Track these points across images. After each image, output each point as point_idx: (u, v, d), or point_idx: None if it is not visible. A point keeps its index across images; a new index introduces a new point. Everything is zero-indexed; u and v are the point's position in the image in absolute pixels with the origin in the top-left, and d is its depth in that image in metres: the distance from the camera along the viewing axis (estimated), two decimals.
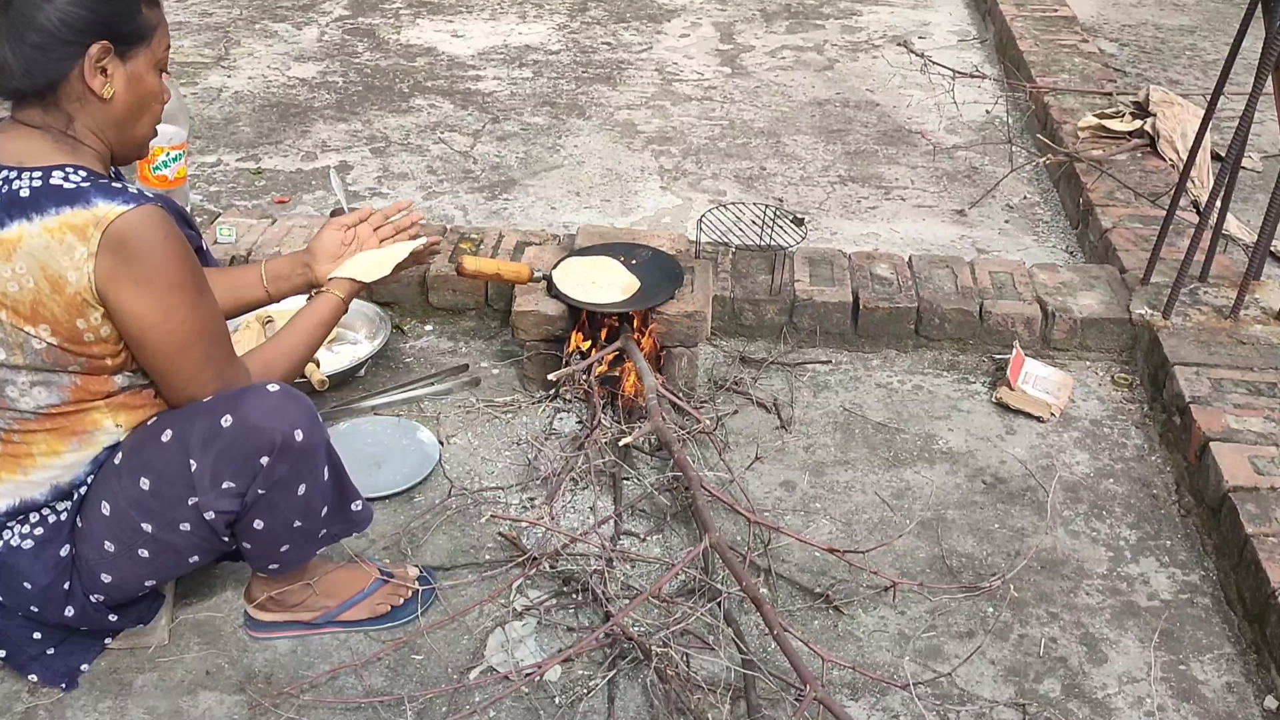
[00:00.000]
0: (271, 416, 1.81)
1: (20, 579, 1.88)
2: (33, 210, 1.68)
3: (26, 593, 1.89)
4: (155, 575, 1.96)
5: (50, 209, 1.68)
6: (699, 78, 4.68)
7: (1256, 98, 2.67)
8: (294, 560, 2.00)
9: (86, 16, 1.70)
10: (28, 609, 1.92)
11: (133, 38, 1.76)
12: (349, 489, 1.99)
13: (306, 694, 1.99)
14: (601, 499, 2.46)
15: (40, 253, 1.67)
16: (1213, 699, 2.07)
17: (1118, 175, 3.61)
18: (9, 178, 1.71)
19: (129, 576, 1.92)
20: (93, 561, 1.89)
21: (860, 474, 2.59)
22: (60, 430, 1.83)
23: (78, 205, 1.68)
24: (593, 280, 2.75)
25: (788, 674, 2.00)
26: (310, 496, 1.90)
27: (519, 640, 2.12)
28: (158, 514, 1.84)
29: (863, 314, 2.96)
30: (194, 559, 1.94)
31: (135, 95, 1.80)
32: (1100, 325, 2.94)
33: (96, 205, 1.68)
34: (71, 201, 1.68)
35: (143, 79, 1.80)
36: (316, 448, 1.87)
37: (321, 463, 1.90)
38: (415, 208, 2.30)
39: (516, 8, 5.37)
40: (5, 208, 1.69)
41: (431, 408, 2.74)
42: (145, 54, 1.79)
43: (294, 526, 1.92)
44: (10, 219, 1.68)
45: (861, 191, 3.84)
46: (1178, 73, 4.78)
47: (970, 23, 5.35)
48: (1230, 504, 2.32)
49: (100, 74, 1.74)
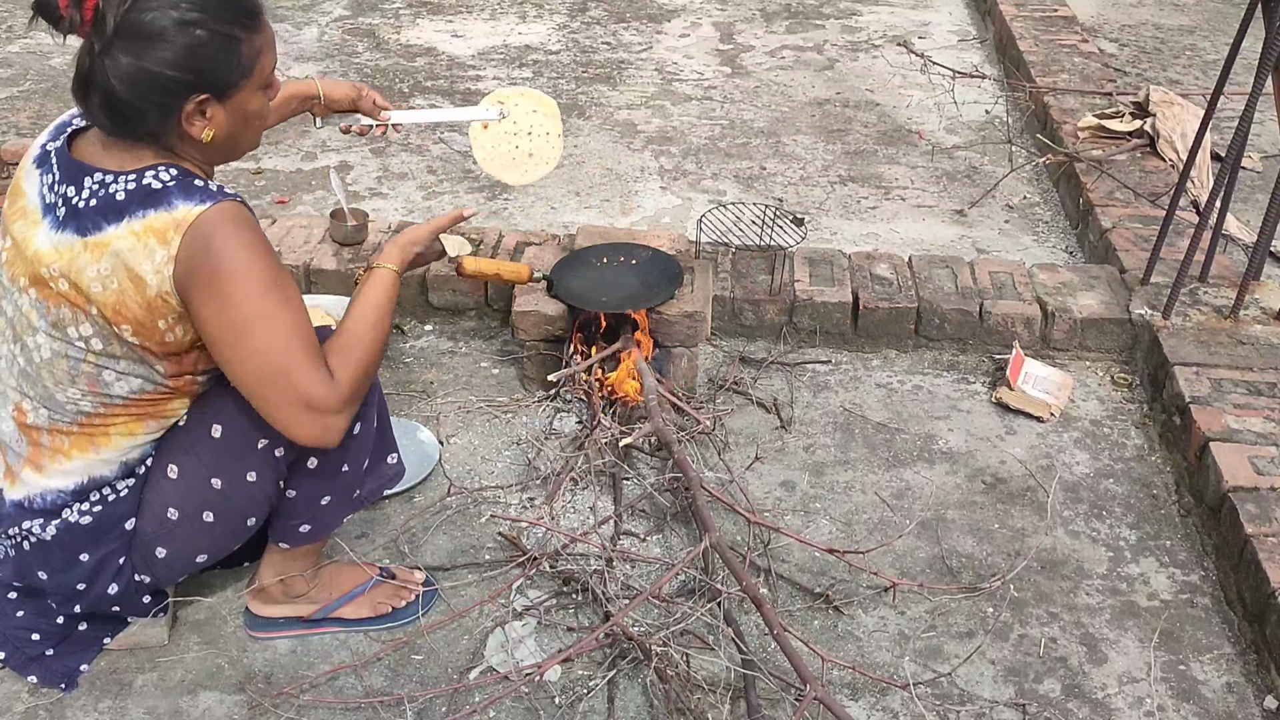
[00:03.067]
0: None
1: (78, 552, 1.89)
2: (125, 214, 1.69)
3: (81, 567, 1.90)
4: (210, 548, 1.95)
5: (138, 212, 1.69)
6: (699, 78, 4.68)
7: (1256, 98, 2.67)
8: (326, 522, 2.01)
9: (186, 80, 1.68)
10: (72, 588, 1.92)
11: (233, 80, 1.73)
12: (389, 440, 2.06)
13: (306, 694, 1.99)
14: (601, 499, 2.46)
15: (125, 254, 1.68)
16: (1213, 699, 2.07)
17: (1118, 175, 3.61)
18: (105, 181, 1.71)
19: (185, 550, 1.93)
20: (150, 535, 1.90)
21: (860, 474, 2.59)
22: (143, 415, 1.85)
23: (160, 208, 1.69)
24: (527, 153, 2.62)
25: (788, 674, 2.00)
26: (362, 438, 1.95)
27: (519, 640, 2.12)
28: (227, 463, 1.86)
29: (863, 314, 2.96)
30: (251, 521, 1.94)
31: (239, 122, 1.78)
32: (1100, 325, 2.94)
33: (176, 208, 1.68)
34: (156, 204, 1.69)
35: (245, 106, 1.77)
36: (374, 387, 1.95)
37: (375, 404, 1.97)
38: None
39: (516, 8, 5.37)
40: (102, 212, 1.70)
41: (431, 408, 2.74)
42: (249, 86, 1.76)
43: (341, 471, 1.95)
44: (106, 223, 1.69)
45: (861, 191, 3.84)
46: (1178, 73, 4.78)
47: (970, 23, 5.35)
48: (1230, 504, 2.32)
49: (200, 117, 1.73)
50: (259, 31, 1.75)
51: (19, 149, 3.31)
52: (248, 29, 1.73)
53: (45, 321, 1.76)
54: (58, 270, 1.71)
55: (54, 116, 4.14)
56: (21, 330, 1.80)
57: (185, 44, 1.66)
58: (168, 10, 1.65)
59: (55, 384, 1.80)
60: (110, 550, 1.91)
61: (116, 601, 1.97)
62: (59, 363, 1.78)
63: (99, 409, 1.82)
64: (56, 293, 1.73)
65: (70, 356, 1.77)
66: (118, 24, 1.64)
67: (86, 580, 1.92)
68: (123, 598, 1.97)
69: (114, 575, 1.93)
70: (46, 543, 1.89)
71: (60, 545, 1.89)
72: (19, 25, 5.03)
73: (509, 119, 2.58)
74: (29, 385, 1.83)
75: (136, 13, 1.64)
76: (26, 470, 1.87)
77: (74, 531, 1.88)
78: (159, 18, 1.65)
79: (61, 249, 1.71)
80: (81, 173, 1.73)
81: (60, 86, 4.44)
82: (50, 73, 4.57)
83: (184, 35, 1.66)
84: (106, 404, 1.82)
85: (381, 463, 2.06)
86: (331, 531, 2.07)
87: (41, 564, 1.92)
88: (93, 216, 1.70)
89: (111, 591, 1.95)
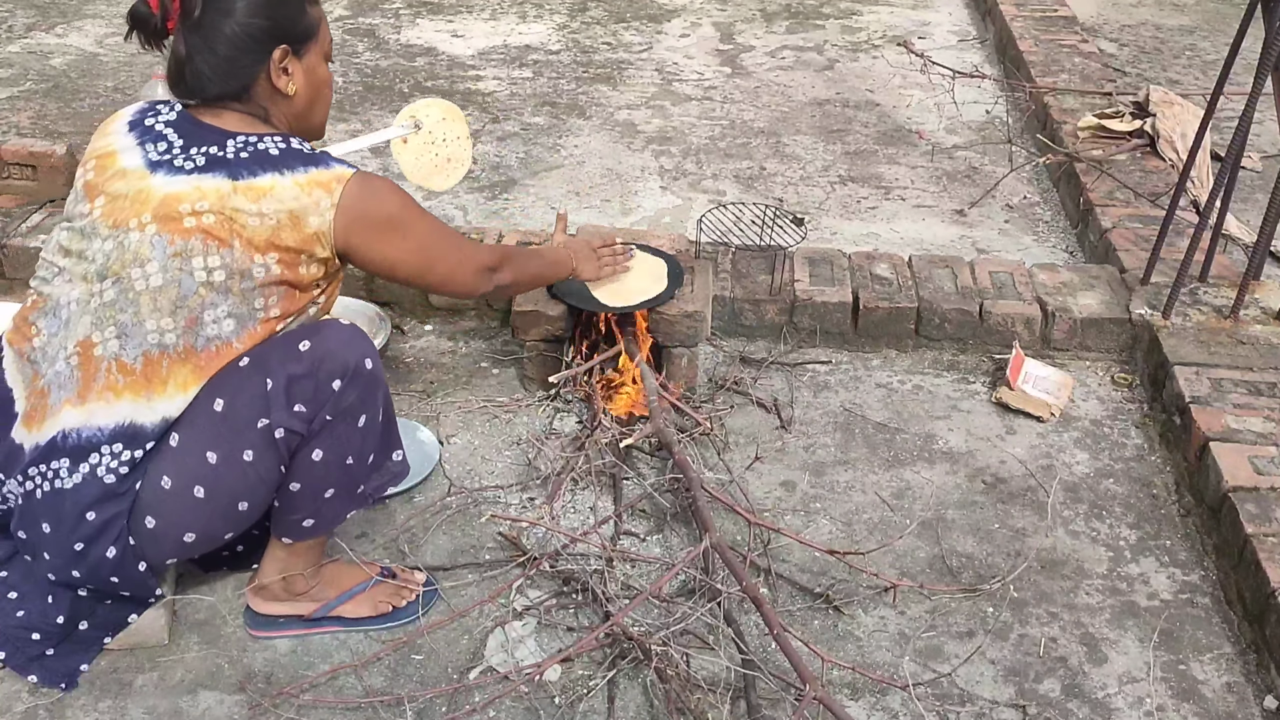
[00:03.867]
0: (346, 345, 1.95)
1: (87, 509, 1.89)
2: (284, 166, 1.92)
3: (85, 526, 1.89)
4: (198, 527, 1.94)
5: (299, 167, 1.92)
6: (699, 78, 4.68)
7: (1256, 98, 2.67)
8: (329, 517, 2.03)
9: (265, 25, 1.94)
10: (71, 548, 1.91)
11: (304, 36, 2.00)
12: (394, 436, 2.08)
13: (306, 694, 1.99)
14: (601, 499, 2.46)
15: (290, 200, 1.90)
16: (1213, 699, 2.07)
17: (1118, 175, 3.61)
18: (250, 140, 1.94)
19: (173, 525, 1.92)
20: (145, 502, 1.90)
21: (860, 474, 2.59)
22: (205, 369, 1.90)
23: (320, 166, 1.94)
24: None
25: (788, 674, 2.00)
26: (367, 432, 1.98)
27: (519, 640, 2.12)
28: (224, 438, 1.88)
29: (863, 314, 2.96)
30: (243, 506, 1.94)
31: (313, 86, 2.04)
32: (1100, 325, 2.94)
33: (334, 168, 1.95)
34: (315, 163, 1.94)
35: (316, 70, 2.04)
36: (380, 380, 2.00)
37: (382, 398, 2.01)
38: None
39: (516, 8, 5.37)
40: (259, 161, 1.91)
41: (430, 408, 2.74)
42: (315, 49, 2.03)
43: (345, 464, 1.97)
44: (264, 171, 1.91)
45: (861, 191, 3.84)
46: (1178, 73, 4.78)
47: (970, 23, 5.35)
48: (1230, 504, 2.32)
49: (284, 73, 1.98)
50: (317, 3, 2.04)
51: (19, 149, 3.30)
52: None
53: (165, 253, 1.87)
54: (205, 206, 1.87)
55: (54, 116, 4.17)
56: (123, 266, 1.89)
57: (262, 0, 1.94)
58: None
59: (152, 311, 1.88)
60: (116, 512, 1.90)
61: (113, 569, 1.94)
62: (169, 290, 1.88)
63: (178, 346, 1.88)
64: (194, 227, 1.87)
65: (182, 286, 1.87)
66: (202, 8, 1.90)
67: (86, 540, 1.90)
68: (120, 565, 1.94)
69: (114, 538, 1.91)
70: (62, 492, 1.88)
71: (75, 496, 1.88)
72: (19, 25, 5.03)
73: (424, 129, 2.76)
74: (114, 314, 1.89)
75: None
76: (67, 408, 1.89)
77: (95, 486, 1.88)
78: None
79: (207, 190, 1.88)
80: (218, 135, 1.94)
81: (60, 86, 4.44)
82: (50, 73, 4.57)
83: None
84: (188, 344, 1.89)
85: (387, 459, 2.07)
86: (334, 527, 2.07)
87: (48, 514, 1.90)
88: (248, 165, 1.90)
89: (109, 555, 1.92)
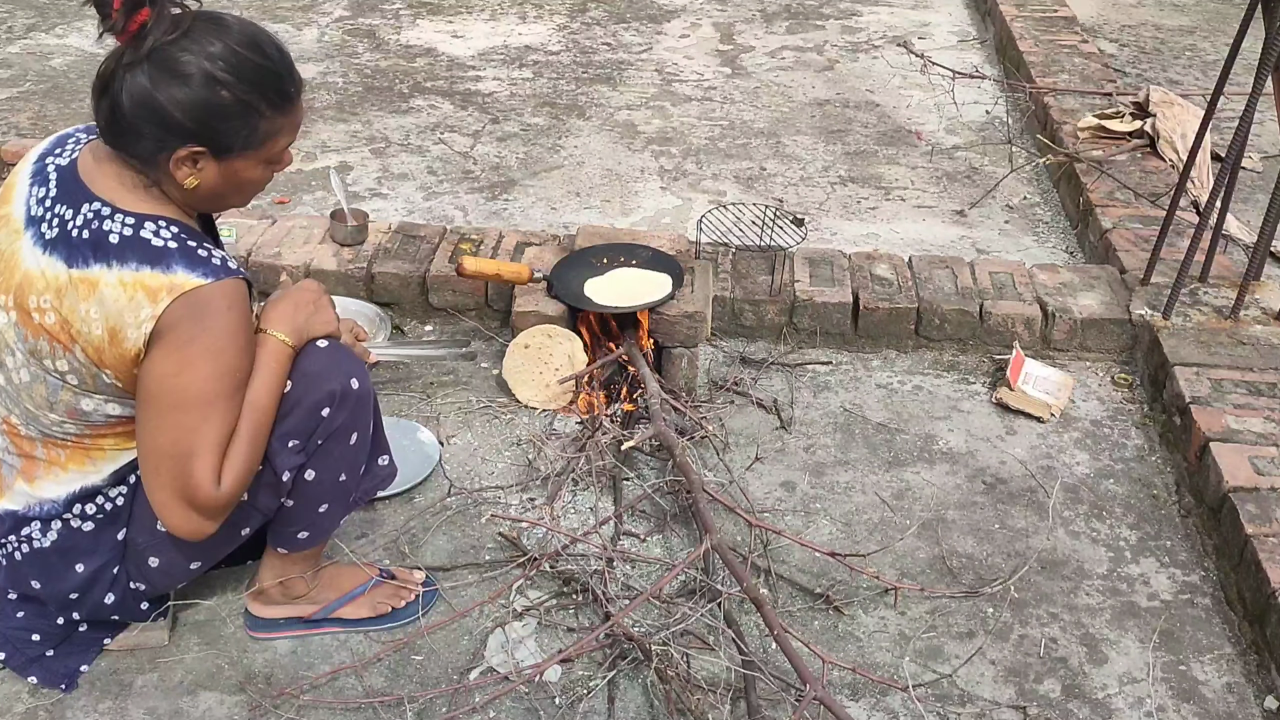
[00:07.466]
0: (329, 371, 1.85)
1: (75, 562, 1.89)
2: (115, 258, 1.67)
3: (75, 577, 1.90)
4: (203, 555, 1.95)
5: (131, 263, 1.67)
6: (699, 78, 4.68)
7: (1256, 98, 2.67)
8: (324, 528, 2.02)
9: (184, 125, 1.67)
10: (66, 597, 1.93)
11: (238, 147, 1.72)
12: (381, 443, 2.06)
13: (306, 694, 1.99)
14: (602, 499, 2.46)
15: (109, 304, 1.67)
16: (1213, 699, 2.07)
17: (1118, 175, 3.61)
18: (101, 213, 1.70)
19: (178, 558, 1.92)
20: (142, 545, 1.89)
21: (860, 474, 2.59)
22: (131, 432, 1.82)
23: (157, 268, 1.67)
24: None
25: (788, 674, 2.00)
26: (359, 447, 1.96)
27: (519, 640, 2.12)
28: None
29: (863, 314, 2.96)
30: (245, 531, 1.94)
31: (228, 184, 1.77)
32: (1100, 326, 2.94)
33: (175, 273, 1.67)
34: (153, 262, 1.67)
35: (240, 173, 1.76)
36: (369, 395, 1.94)
37: (371, 412, 1.97)
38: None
39: (516, 8, 5.37)
40: (92, 246, 1.68)
41: (430, 408, 2.74)
42: (253, 157, 1.75)
43: (339, 481, 1.95)
44: (95, 260, 1.68)
45: (861, 192, 3.84)
46: (1178, 73, 4.78)
47: (970, 23, 5.35)
48: (1230, 504, 2.32)
49: (189, 165, 1.71)
50: (285, 114, 1.76)
51: (19, 149, 3.30)
52: (275, 108, 1.73)
53: (23, 347, 1.75)
54: (48, 303, 1.70)
55: (54, 117, 4.18)
56: (2, 347, 1.79)
57: (204, 98, 1.66)
58: (204, 60, 1.65)
59: (36, 408, 1.80)
60: (105, 561, 1.91)
61: (115, 610, 1.98)
62: (37, 388, 1.78)
63: (84, 431, 1.82)
64: (39, 325, 1.72)
65: (48, 384, 1.76)
66: (153, 48, 1.64)
67: (80, 590, 1.92)
68: (120, 606, 1.98)
69: (109, 585, 1.93)
70: (44, 550, 1.89)
71: (59, 552, 1.89)
72: (19, 25, 5.03)
73: (542, 350, 2.71)
74: (12, 403, 1.83)
75: (176, 48, 1.65)
76: (20, 483, 1.88)
77: (74, 538, 1.88)
78: (192, 62, 1.65)
79: (49, 276, 1.69)
80: (80, 197, 1.71)
81: (60, 87, 4.44)
82: (50, 73, 4.57)
83: (207, 89, 1.66)
84: (90, 426, 1.82)
85: (374, 464, 2.06)
86: (329, 536, 2.07)
87: (36, 573, 1.92)
88: (83, 249, 1.68)
89: (108, 601, 1.95)
